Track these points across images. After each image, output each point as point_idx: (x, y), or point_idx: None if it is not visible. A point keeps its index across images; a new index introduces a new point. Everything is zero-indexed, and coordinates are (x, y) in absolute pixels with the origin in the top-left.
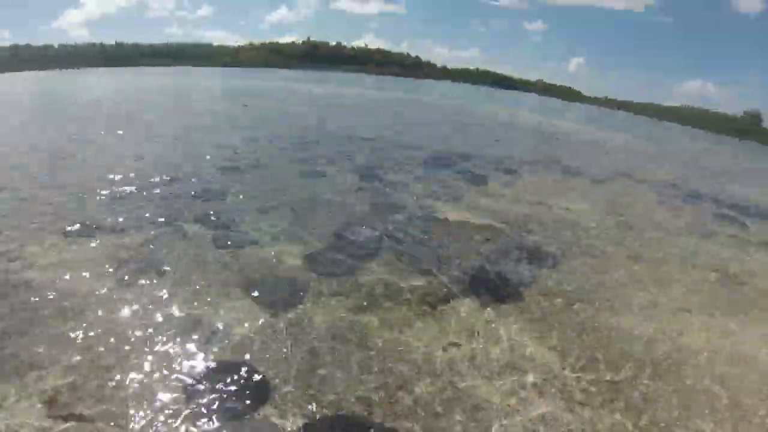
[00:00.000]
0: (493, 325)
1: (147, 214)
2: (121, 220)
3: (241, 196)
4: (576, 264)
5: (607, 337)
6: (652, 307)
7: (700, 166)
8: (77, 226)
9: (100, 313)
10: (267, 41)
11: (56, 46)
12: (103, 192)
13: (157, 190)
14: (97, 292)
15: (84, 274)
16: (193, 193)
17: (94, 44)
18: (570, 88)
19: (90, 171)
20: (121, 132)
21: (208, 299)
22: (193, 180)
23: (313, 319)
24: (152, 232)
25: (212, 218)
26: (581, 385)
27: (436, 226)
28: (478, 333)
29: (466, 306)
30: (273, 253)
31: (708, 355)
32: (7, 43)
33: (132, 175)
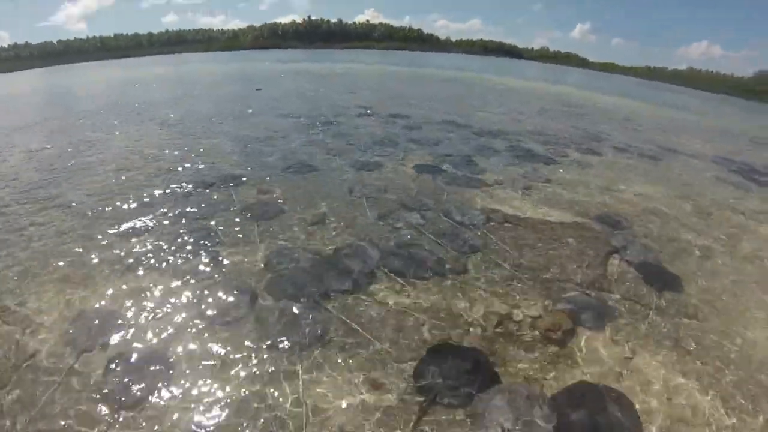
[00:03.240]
0: (634, 363)
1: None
2: (141, 227)
3: (285, 200)
4: (680, 267)
5: (753, 366)
6: None
7: (734, 135)
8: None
9: None
10: (268, 22)
11: (56, 42)
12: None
13: (189, 196)
14: None
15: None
16: (225, 197)
17: (93, 37)
18: (576, 55)
19: (107, 175)
20: (138, 127)
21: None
22: (226, 178)
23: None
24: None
25: (253, 227)
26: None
27: (521, 229)
28: (623, 376)
29: (594, 338)
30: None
31: None
32: (5, 44)
33: (161, 179)
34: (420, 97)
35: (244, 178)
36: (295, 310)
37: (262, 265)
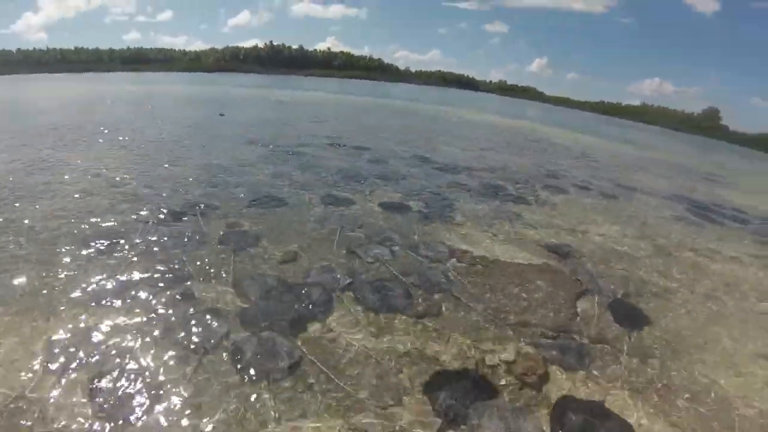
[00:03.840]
0: (606, 405)
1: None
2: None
3: (255, 236)
4: (646, 308)
5: (721, 409)
6: (733, 362)
7: (687, 170)
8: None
9: None
10: (229, 46)
11: (14, 51)
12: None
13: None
14: None
15: None
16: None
17: (53, 49)
18: (533, 88)
19: (68, 199)
20: (101, 148)
21: None
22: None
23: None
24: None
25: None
26: None
27: (491, 270)
28: None
29: (567, 381)
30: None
31: None
32: None
33: (126, 206)
34: (383, 128)
35: (212, 210)
36: (267, 351)
37: (233, 304)
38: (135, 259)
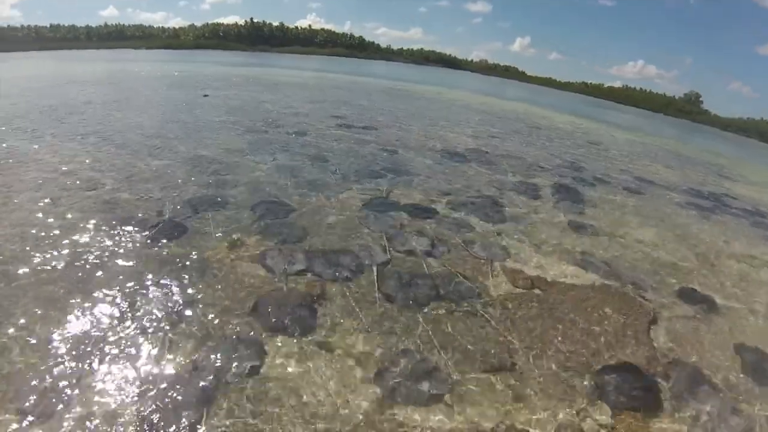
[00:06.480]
0: None
1: None
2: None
3: (265, 264)
4: (714, 331)
5: None
6: None
7: (688, 159)
8: None
9: None
10: (209, 22)
11: None
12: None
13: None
14: None
15: None
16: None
17: (27, 26)
18: (515, 68)
19: (33, 205)
20: (71, 139)
21: None
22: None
23: None
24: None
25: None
26: None
27: (552, 297)
28: None
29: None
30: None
31: None
32: None
33: (99, 216)
34: (383, 111)
35: (206, 223)
36: None
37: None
38: (127, 301)
